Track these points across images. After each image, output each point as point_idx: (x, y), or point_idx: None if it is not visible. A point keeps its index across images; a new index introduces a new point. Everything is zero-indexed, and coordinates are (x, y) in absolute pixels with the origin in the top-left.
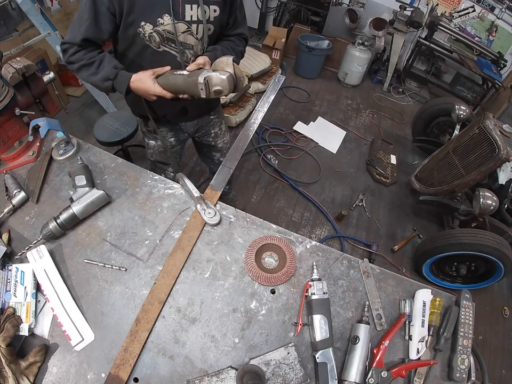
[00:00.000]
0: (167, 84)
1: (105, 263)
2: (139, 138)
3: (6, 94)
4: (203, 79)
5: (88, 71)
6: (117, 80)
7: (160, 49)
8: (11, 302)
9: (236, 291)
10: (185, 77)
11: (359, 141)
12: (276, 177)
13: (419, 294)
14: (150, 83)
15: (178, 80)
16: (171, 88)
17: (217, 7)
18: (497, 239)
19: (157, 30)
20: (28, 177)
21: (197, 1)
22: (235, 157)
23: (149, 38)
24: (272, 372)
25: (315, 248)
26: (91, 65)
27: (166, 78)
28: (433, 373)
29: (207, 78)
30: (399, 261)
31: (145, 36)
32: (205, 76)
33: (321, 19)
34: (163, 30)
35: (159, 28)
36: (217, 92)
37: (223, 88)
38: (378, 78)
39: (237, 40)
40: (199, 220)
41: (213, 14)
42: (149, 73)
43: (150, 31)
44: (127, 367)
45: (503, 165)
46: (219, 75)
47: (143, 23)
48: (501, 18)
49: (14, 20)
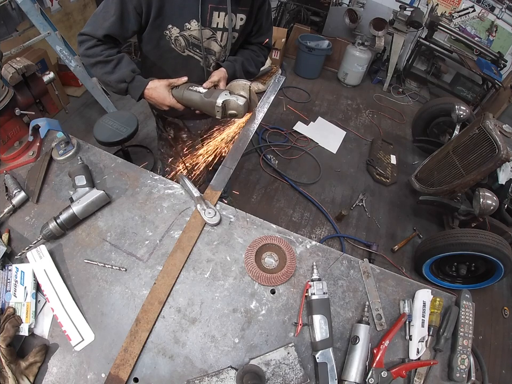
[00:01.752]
0: (181, 98)
1: (105, 263)
2: (139, 138)
3: (6, 94)
4: (221, 103)
5: (104, 69)
6: (132, 84)
7: (184, 53)
8: (11, 302)
9: (235, 291)
10: (202, 96)
11: (359, 141)
12: (276, 177)
13: (419, 294)
14: (165, 93)
15: (194, 97)
16: (185, 102)
17: (244, 16)
18: (497, 239)
19: (183, 34)
20: (28, 177)
21: (225, 9)
22: (235, 157)
23: (174, 41)
24: (272, 372)
25: (315, 248)
26: (108, 63)
27: (180, 91)
28: (433, 373)
29: (225, 102)
30: (399, 261)
31: (171, 39)
32: (223, 99)
33: (321, 19)
34: (189, 35)
35: (185, 32)
36: (232, 115)
37: (239, 112)
38: (378, 78)
39: (259, 50)
40: (199, 220)
41: (239, 22)
42: (164, 83)
43: (176, 34)
44: (127, 367)
45: (503, 165)
46: (237, 101)
47: (170, 26)
48: (501, 18)
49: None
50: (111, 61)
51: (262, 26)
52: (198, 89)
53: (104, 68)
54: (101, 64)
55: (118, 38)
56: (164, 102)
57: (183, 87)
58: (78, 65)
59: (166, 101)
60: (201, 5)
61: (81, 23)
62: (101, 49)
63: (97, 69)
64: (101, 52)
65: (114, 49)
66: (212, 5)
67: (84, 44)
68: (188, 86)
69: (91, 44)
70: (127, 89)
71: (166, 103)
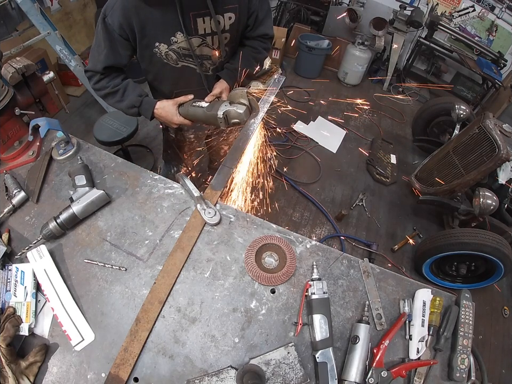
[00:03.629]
0: (187, 115)
1: (105, 263)
2: (139, 138)
3: (6, 93)
4: (222, 114)
5: (114, 99)
6: (142, 107)
7: (178, 65)
8: (11, 301)
9: (236, 291)
10: (204, 110)
11: (359, 141)
12: (276, 176)
13: (419, 294)
14: (172, 112)
15: (198, 112)
16: (191, 118)
17: (233, 14)
18: (497, 238)
19: (172, 48)
20: (28, 177)
21: (208, 13)
22: (235, 157)
23: (165, 56)
24: (272, 372)
25: (315, 247)
26: (116, 93)
27: (186, 108)
28: (433, 372)
29: (226, 113)
30: (399, 260)
31: (162, 55)
32: (223, 110)
33: (321, 19)
34: (178, 48)
35: (173, 46)
36: (235, 123)
37: (241, 120)
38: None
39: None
40: (199, 219)
41: (228, 22)
42: (171, 102)
43: (165, 50)
44: (127, 367)
45: (503, 165)
46: (237, 110)
47: (157, 43)
48: (501, 18)
49: (14, 20)
50: (118, 91)
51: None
52: (201, 104)
53: (114, 97)
54: (110, 95)
55: (118, 66)
56: (172, 120)
57: (188, 104)
58: (78, 65)
59: (174, 119)
60: (182, 16)
61: (81, 22)
62: (106, 82)
63: (108, 99)
64: (107, 84)
65: (119, 78)
66: (193, 13)
67: (91, 79)
68: (192, 103)
69: (96, 78)
70: (139, 112)
71: (175, 121)
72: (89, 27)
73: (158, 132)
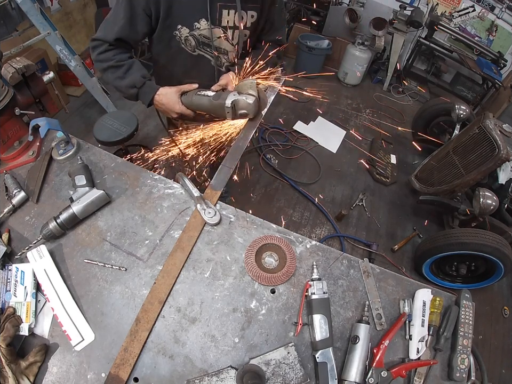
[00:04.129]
0: (191, 103)
1: (105, 263)
2: (139, 138)
3: (6, 93)
4: (230, 103)
5: (115, 74)
6: (142, 90)
7: (195, 53)
8: (11, 301)
9: (235, 291)
10: (210, 99)
11: (359, 141)
12: (276, 177)
13: (419, 294)
14: (174, 100)
15: (203, 101)
16: (194, 108)
17: (255, 13)
18: (497, 238)
19: (193, 34)
20: (28, 177)
21: (234, 7)
22: (235, 157)
23: (184, 41)
24: (272, 372)
25: (315, 247)
26: (119, 68)
27: (189, 97)
28: (433, 372)
29: (234, 102)
30: (399, 260)
31: (181, 39)
32: (232, 99)
33: (321, 19)
34: (199, 35)
35: (195, 32)
36: (242, 114)
37: (249, 111)
38: (378, 78)
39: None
40: (199, 219)
41: (250, 19)
42: (174, 89)
43: (186, 34)
44: (127, 367)
45: (503, 165)
46: (246, 100)
47: (180, 26)
48: (501, 18)
49: (14, 20)
50: (121, 66)
51: (274, 23)
52: (207, 92)
53: (115, 72)
54: (112, 69)
55: (129, 41)
56: (174, 108)
57: (192, 92)
58: (78, 65)
59: (175, 108)
60: (210, 3)
61: (81, 22)
62: (112, 54)
63: (108, 74)
64: (113, 57)
65: (126, 54)
66: (220, 3)
67: (96, 49)
68: (197, 91)
69: (103, 48)
70: (138, 95)
71: (176, 109)
72: (89, 27)
73: (158, 132)
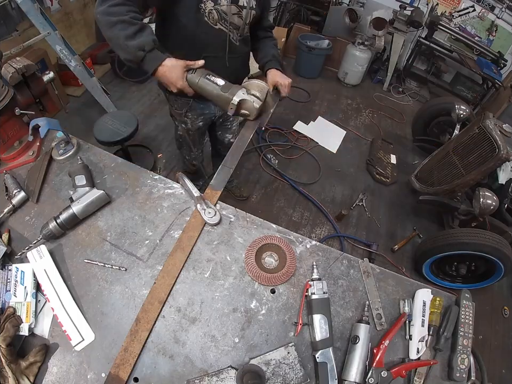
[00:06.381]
0: (195, 84)
1: (105, 263)
2: (139, 138)
3: (6, 94)
4: (237, 101)
5: (125, 31)
6: (150, 55)
7: (216, 26)
8: (11, 301)
9: (236, 291)
10: (219, 89)
11: (359, 141)
12: (276, 177)
13: (419, 294)
14: (179, 74)
15: (209, 87)
16: (197, 89)
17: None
18: (497, 238)
19: (216, 8)
20: (28, 177)
21: None
22: (235, 157)
23: (208, 14)
24: (272, 372)
25: (315, 247)
26: (130, 25)
27: (196, 77)
28: (433, 372)
29: (241, 101)
30: (399, 260)
31: (206, 12)
32: (240, 98)
33: (321, 18)
34: (220, 9)
35: (218, 6)
36: (244, 114)
37: (251, 114)
38: (378, 78)
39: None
40: (199, 219)
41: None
42: (181, 63)
43: (210, 8)
44: (127, 367)
45: (503, 165)
46: (253, 103)
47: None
48: (501, 17)
49: (14, 20)
50: (134, 25)
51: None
52: (216, 80)
53: (126, 30)
54: (123, 24)
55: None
56: (176, 83)
57: (200, 73)
58: (78, 65)
59: (178, 83)
60: None
61: (81, 22)
62: (126, 9)
63: (116, 29)
64: (127, 12)
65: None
66: None
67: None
68: (206, 74)
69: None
70: (143, 59)
71: (178, 85)
72: (89, 27)
73: (158, 132)
